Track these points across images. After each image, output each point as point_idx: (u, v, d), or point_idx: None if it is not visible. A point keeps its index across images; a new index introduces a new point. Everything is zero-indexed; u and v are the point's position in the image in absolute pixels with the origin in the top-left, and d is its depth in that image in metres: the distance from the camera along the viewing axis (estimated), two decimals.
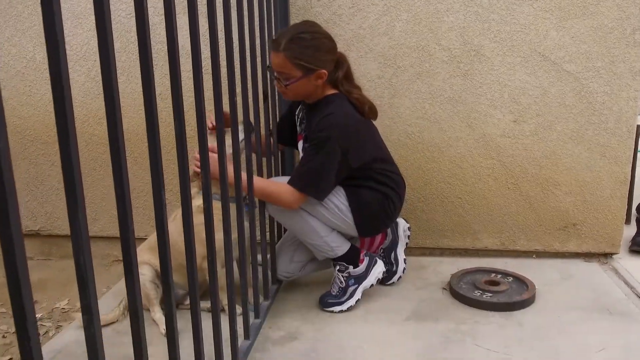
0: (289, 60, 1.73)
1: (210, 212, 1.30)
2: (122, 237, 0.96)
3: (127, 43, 2.38)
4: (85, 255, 0.85)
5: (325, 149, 1.73)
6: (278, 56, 1.75)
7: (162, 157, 1.06)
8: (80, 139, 2.50)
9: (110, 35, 0.86)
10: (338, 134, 1.73)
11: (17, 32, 2.44)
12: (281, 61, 1.75)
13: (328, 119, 1.74)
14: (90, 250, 0.87)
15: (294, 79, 1.76)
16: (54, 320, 2.11)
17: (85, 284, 0.86)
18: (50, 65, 0.75)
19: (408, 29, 2.24)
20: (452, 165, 2.35)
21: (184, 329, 1.78)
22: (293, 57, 1.72)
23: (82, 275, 0.86)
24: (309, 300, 2.03)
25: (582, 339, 1.74)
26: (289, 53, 1.72)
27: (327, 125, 1.73)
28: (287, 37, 1.73)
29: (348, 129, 1.75)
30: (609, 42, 2.17)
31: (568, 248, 2.39)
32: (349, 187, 1.87)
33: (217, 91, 1.33)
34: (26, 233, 2.67)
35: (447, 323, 1.85)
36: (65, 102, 0.76)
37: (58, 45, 0.74)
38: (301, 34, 1.74)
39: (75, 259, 0.85)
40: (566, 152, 2.28)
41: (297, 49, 1.72)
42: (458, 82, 2.26)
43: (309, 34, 1.74)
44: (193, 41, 1.19)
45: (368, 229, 1.93)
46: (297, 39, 1.72)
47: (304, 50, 1.72)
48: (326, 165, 1.75)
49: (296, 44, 1.72)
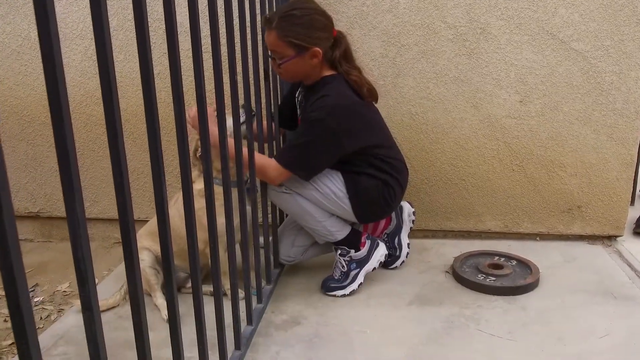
0: (280, 39, 1.68)
1: (212, 196, 1.28)
2: (122, 223, 0.93)
3: (124, 21, 2.32)
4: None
5: (314, 129, 1.70)
6: (270, 34, 1.70)
7: (161, 139, 1.03)
8: (77, 120, 2.46)
9: (105, 12, 0.82)
10: (330, 115, 1.68)
11: (11, 9, 2.37)
12: (273, 39, 1.70)
13: (323, 100, 1.69)
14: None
15: (287, 58, 1.72)
16: (56, 303, 2.11)
17: (84, 279, 0.84)
18: (41, 45, 0.71)
19: (413, 5, 2.17)
20: (457, 146, 2.31)
21: (186, 314, 1.77)
22: (284, 36, 1.68)
23: (81, 270, 0.83)
24: (312, 284, 2.02)
25: (586, 323, 1.73)
26: (280, 31, 1.68)
27: (320, 106, 1.69)
28: (278, 14, 1.68)
29: (341, 111, 1.71)
30: (619, 20, 2.11)
31: (572, 230, 2.37)
32: (347, 173, 1.83)
33: (217, 69, 1.28)
34: (26, 215, 2.65)
35: (450, 307, 1.84)
36: (58, 83, 0.72)
37: (49, 22, 0.70)
38: (292, 10, 1.68)
39: (74, 253, 0.82)
40: (572, 133, 2.24)
41: (288, 26, 1.67)
42: (463, 61, 2.21)
43: (300, 11, 1.68)
44: (192, 18, 1.14)
45: (367, 215, 1.90)
46: (288, 16, 1.67)
47: (294, 27, 1.67)
48: (313, 145, 1.71)
49: (287, 22, 1.67)
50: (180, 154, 1.13)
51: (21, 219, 2.66)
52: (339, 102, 1.71)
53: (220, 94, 1.32)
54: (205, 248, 1.71)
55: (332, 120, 1.69)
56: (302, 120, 1.75)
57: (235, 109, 1.45)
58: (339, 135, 1.71)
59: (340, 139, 1.72)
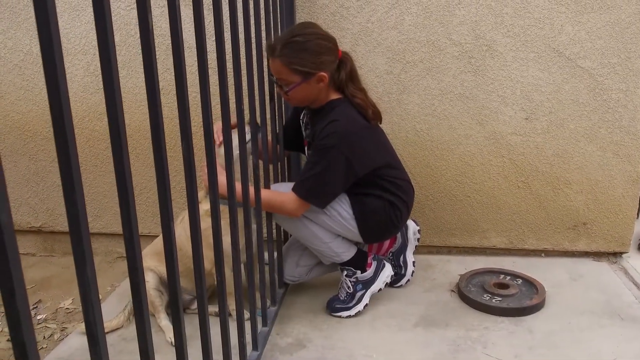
0: (285, 66, 1.67)
1: (218, 220, 1.26)
2: (127, 245, 0.91)
3: (127, 36, 2.30)
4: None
5: (328, 157, 1.68)
6: (275, 62, 1.69)
7: (166, 151, 1.01)
8: (80, 135, 2.44)
9: (111, 28, 0.80)
10: (342, 141, 1.67)
11: (13, 24, 2.36)
12: (278, 67, 1.69)
13: (332, 126, 1.68)
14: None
15: (294, 85, 1.70)
16: (59, 321, 2.10)
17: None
18: (44, 61, 0.69)
19: (418, 22, 2.16)
20: (462, 163, 2.30)
21: (192, 336, 1.76)
22: (289, 63, 1.66)
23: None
24: (316, 304, 2.01)
25: (594, 347, 1.72)
26: (284, 59, 1.66)
27: (330, 132, 1.67)
28: (281, 42, 1.66)
29: (352, 136, 1.69)
30: (626, 37, 2.09)
31: (577, 247, 2.36)
32: (354, 194, 1.82)
33: (224, 92, 1.27)
34: (28, 229, 2.64)
35: (456, 329, 1.84)
36: (61, 97, 0.71)
37: (52, 38, 0.68)
38: (294, 37, 1.66)
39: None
40: (578, 150, 2.23)
41: (292, 53, 1.65)
42: (469, 78, 2.20)
43: (303, 37, 1.66)
44: (198, 36, 1.13)
45: (373, 236, 1.89)
46: (291, 43, 1.65)
47: (299, 54, 1.65)
48: (329, 173, 1.70)
49: (290, 49, 1.65)
50: (187, 176, 1.11)
51: (23, 234, 2.64)
52: (348, 127, 1.70)
53: (227, 120, 1.30)
54: (212, 268, 1.71)
55: (344, 145, 1.67)
56: (313, 148, 1.74)
57: (241, 129, 1.43)
58: (352, 160, 1.70)
59: (353, 164, 1.71)
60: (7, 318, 0.69)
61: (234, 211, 1.35)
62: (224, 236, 1.32)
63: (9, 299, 0.67)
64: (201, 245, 1.18)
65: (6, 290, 0.66)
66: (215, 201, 1.25)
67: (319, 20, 2.19)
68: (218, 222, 1.27)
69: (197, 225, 1.16)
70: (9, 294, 0.67)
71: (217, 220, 1.26)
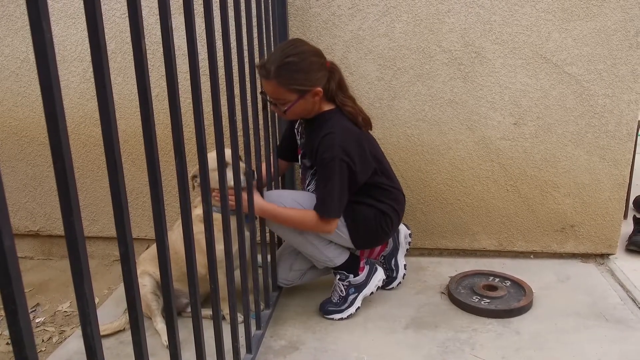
0: (282, 87, 1.70)
1: (211, 225, 1.30)
2: (121, 245, 0.94)
3: (122, 44, 2.34)
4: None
5: (332, 168, 1.72)
6: (270, 84, 1.71)
7: (159, 161, 1.04)
8: (77, 141, 2.48)
9: (103, 36, 0.83)
10: (341, 150, 1.71)
11: (10, 32, 2.39)
12: (274, 89, 1.72)
13: (330, 138, 1.72)
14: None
15: (291, 103, 1.74)
16: (57, 324, 2.13)
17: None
18: (38, 68, 0.71)
19: (408, 30, 2.20)
20: (452, 167, 2.35)
21: (186, 339, 1.81)
22: (285, 84, 1.70)
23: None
24: (310, 306, 2.05)
25: (579, 348, 1.77)
26: (280, 80, 1.69)
27: (329, 144, 1.71)
28: (275, 63, 1.68)
29: (350, 145, 1.74)
30: (612, 44, 2.14)
31: (565, 249, 2.41)
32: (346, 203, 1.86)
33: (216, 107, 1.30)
34: (26, 234, 2.67)
35: (445, 331, 1.88)
36: (55, 104, 0.72)
37: (46, 46, 0.70)
38: (288, 57, 1.68)
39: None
40: (566, 154, 2.28)
41: (287, 74, 1.69)
42: (458, 84, 2.24)
43: (295, 57, 1.68)
44: (190, 44, 1.15)
45: (364, 243, 1.94)
46: (285, 64, 1.68)
47: (294, 74, 1.69)
48: (336, 184, 1.74)
49: (285, 70, 1.68)
50: (179, 181, 1.14)
51: (21, 237, 2.68)
52: (345, 136, 1.74)
53: (220, 137, 1.34)
54: (207, 273, 1.74)
55: (345, 155, 1.72)
56: (317, 165, 1.78)
57: (234, 144, 1.47)
58: (352, 167, 1.75)
59: (355, 171, 1.76)
60: (7, 322, 0.72)
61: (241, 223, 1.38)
62: (217, 244, 1.36)
63: (8, 302, 0.70)
64: (194, 252, 1.22)
65: (5, 293, 0.69)
66: (209, 211, 1.29)
67: (311, 28, 2.23)
68: (211, 230, 1.31)
69: (190, 234, 1.20)
70: (8, 298, 0.69)
71: (210, 228, 1.30)
